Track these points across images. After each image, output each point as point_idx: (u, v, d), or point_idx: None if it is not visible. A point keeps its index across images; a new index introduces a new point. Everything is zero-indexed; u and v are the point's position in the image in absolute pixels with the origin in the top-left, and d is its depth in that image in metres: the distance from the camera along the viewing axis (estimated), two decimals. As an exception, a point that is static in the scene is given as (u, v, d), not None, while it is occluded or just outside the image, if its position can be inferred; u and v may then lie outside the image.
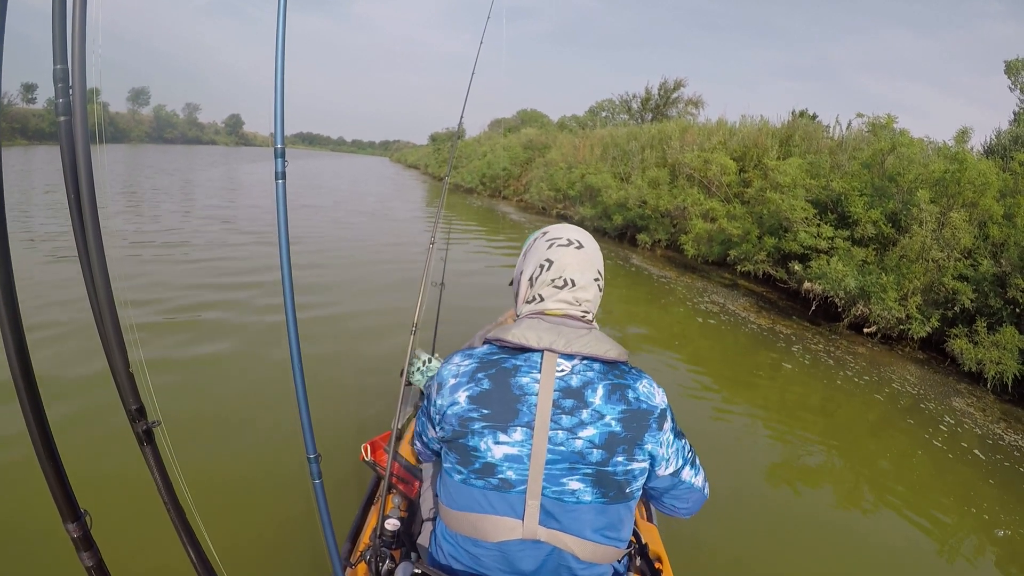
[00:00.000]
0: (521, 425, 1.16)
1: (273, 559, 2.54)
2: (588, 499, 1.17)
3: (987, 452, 4.66)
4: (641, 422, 1.19)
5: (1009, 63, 11.98)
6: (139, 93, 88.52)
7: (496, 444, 1.17)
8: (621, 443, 1.17)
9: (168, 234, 9.76)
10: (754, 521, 3.36)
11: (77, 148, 1.02)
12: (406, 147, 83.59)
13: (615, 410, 1.18)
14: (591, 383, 1.19)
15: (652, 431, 1.20)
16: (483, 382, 1.20)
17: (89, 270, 1.07)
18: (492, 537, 1.19)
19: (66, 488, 1.00)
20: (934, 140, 9.13)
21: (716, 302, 8.69)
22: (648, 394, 1.22)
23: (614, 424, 1.17)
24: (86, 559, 1.03)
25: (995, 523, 3.72)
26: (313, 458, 1.43)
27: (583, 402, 1.18)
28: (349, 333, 5.54)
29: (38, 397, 0.96)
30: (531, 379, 1.19)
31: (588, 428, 1.16)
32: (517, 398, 1.18)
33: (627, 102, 28.40)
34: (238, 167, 34.63)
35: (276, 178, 1.29)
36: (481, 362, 1.23)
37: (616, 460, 1.17)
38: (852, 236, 8.13)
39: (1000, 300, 6.47)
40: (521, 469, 1.16)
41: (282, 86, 1.27)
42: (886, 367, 6.55)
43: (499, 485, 1.17)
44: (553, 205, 17.85)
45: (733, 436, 4.50)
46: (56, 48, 0.99)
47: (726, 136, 12.97)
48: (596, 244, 1.39)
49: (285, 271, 1.31)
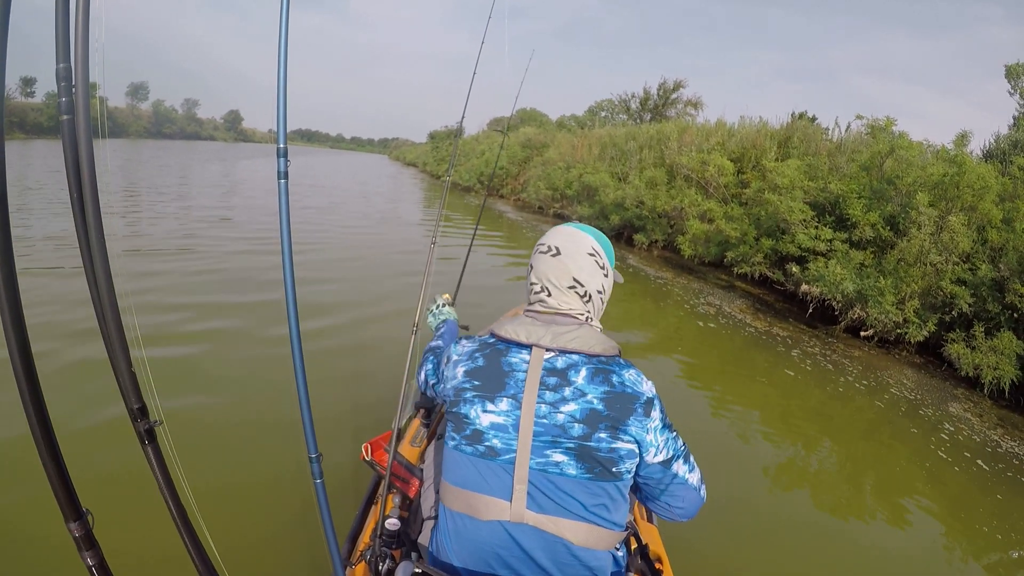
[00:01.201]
0: (507, 396, 1.25)
1: (274, 558, 2.55)
2: (572, 472, 1.21)
3: (985, 459, 4.60)
4: (626, 405, 1.23)
5: (1009, 67, 11.97)
6: (138, 88, 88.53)
7: (484, 412, 1.26)
8: (603, 420, 1.21)
9: (168, 234, 9.68)
10: (753, 523, 3.35)
11: (80, 146, 1.03)
12: (405, 145, 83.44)
13: (597, 390, 1.23)
14: (575, 365, 1.26)
15: (638, 415, 1.23)
16: (479, 360, 1.32)
17: (92, 268, 1.08)
18: (484, 515, 1.24)
19: (68, 487, 1.01)
20: (933, 144, 9.11)
21: (712, 304, 8.64)
22: (634, 381, 1.26)
23: (596, 402, 1.22)
24: (88, 558, 1.04)
25: (992, 531, 3.67)
26: (314, 458, 1.44)
27: (566, 380, 1.24)
28: (350, 333, 5.52)
29: (40, 396, 0.97)
30: (519, 359, 1.28)
31: (570, 404, 1.22)
32: (506, 373, 1.27)
33: (625, 102, 28.36)
34: (235, 164, 34.53)
35: (279, 177, 1.30)
36: (480, 345, 1.35)
37: (599, 436, 1.21)
38: (850, 239, 8.09)
39: (998, 305, 6.42)
40: (506, 439, 1.24)
41: (284, 87, 1.28)
42: (883, 371, 6.51)
43: (486, 452, 1.25)
44: (550, 204, 17.77)
45: (730, 439, 4.46)
46: (59, 47, 1.00)
47: (724, 137, 12.91)
48: (581, 247, 1.39)
49: (287, 271, 1.32)
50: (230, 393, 4.06)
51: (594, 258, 1.39)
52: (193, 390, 3.97)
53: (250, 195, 17.88)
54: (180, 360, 4.44)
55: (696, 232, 10.33)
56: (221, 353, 4.71)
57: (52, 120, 49.72)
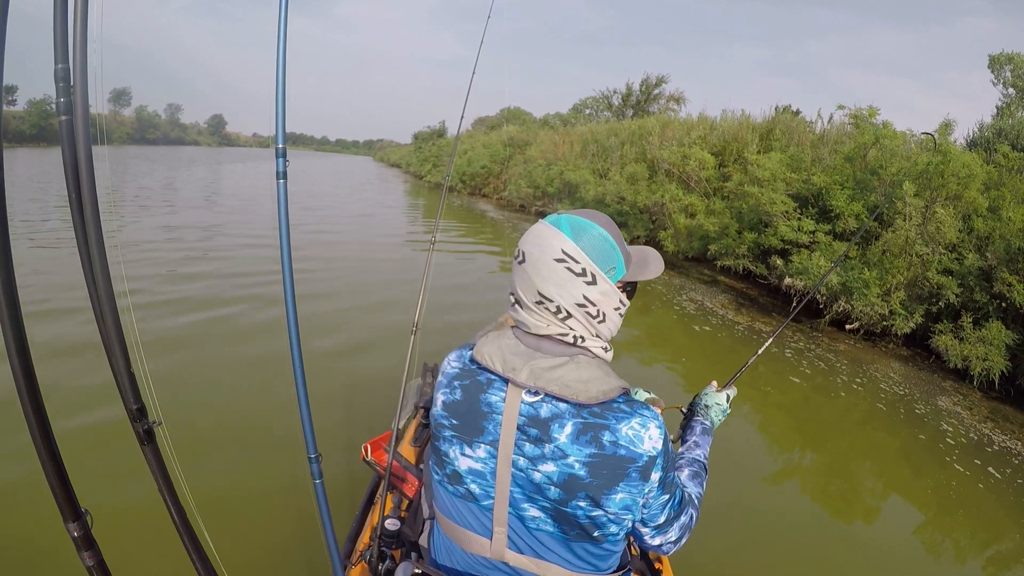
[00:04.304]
0: (485, 443, 1.08)
1: (273, 558, 2.55)
2: (550, 529, 1.08)
3: (975, 454, 4.38)
4: (616, 470, 1.02)
5: (993, 57, 11.87)
6: (120, 94, 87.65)
7: (462, 455, 1.11)
8: (583, 488, 1.02)
9: (168, 233, 9.60)
10: (747, 522, 3.29)
11: (78, 147, 1.02)
12: (390, 146, 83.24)
13: (582, 452, 1.02)
14: (559, 417, 1.03)
15: (631, 481, 1.02)
16: (456, 391, 1.13)
17: (90, 269, 1.07)
18: (466, 547, 1.15)
19: (67, 487, 1.00)
20: (916, 134, 8.93)
21: (695, 299, 8.41)
22: (632, 439, 1.02)
23: (577, 467, 1.02)
24: (87, 559, 1.04)
25: (984, 528, 3.55)
26: (314, 458, 1.43)
27: (547, 436, 1.03)
28: (350, 334, 5.49)
29: (39, 396, 0.96)
30: (499, 398, 1.08)
31: (548, 463, 1.03)
32: (485, 415, 1.09)
33: (607, 98, 28.14)
34: (219, 168, 34.29)
35: (277, 178, 1.29)
36: (462, 369, 1.15)
37: (577, 504, 1.03)
38: (834, 230, 7.88)
39: (986, 295, 6.22)
40: (484, 485, 1.10)
41: (283, 89, 1.27)
42: (869, 364, 6.29)
43: (465, 495, 1.12)
44: (532, 202, 17.58)
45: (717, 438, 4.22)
46: (57, 48, 0.99)
47: (707, 131, 12.73)
48: (546, 251, 1.05)
49: (286, 271, 1.30)
50: (230, 394, 4.04)
51: (564, 264, 1.04)
52: (193, 391, 3.96)
53: (249, 197, 17.77)
54: (180, 360, 4.41)
55: (678, 227, 10.11)
56: (222, 354, 4.70)
57: (34, 128, 49.25)
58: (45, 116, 50.15)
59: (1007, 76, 11.68)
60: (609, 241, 1.08)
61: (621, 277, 1.10)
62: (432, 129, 39.96)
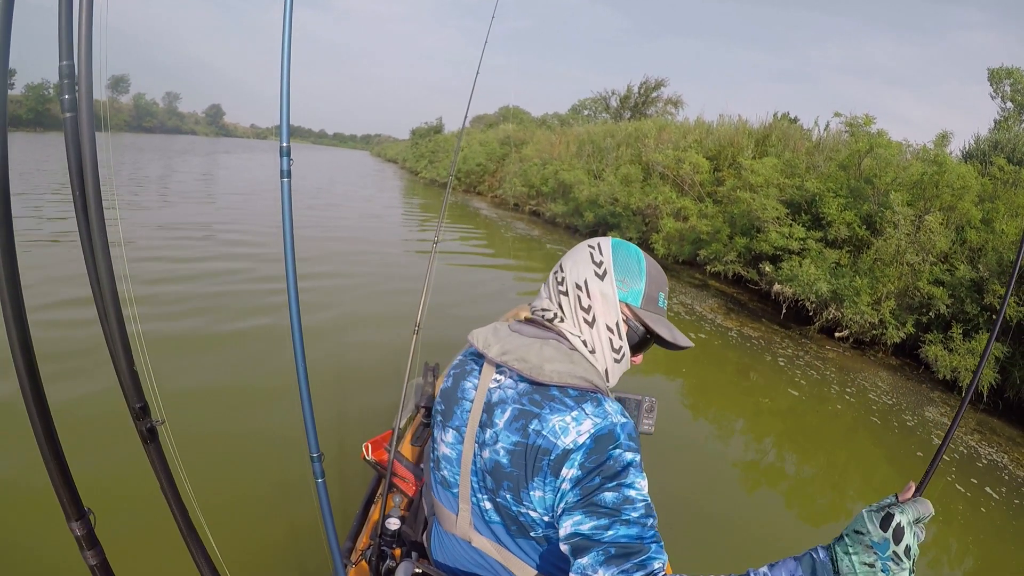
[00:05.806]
0: (453, 428, 1.12)
1: (275, 557, 2.55)
2: (498, 520, 1.06)
3: (963, 468, 4.31)
4: (531, 462, 0.98)
5: (992, 71, 11.87)
6: (118, 81, 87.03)
7: (441, 441, 1.15)
8: (506, 479, 1.02)
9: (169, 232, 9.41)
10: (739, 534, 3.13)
11: (83, 144, 0.99)
12: (387, 141, 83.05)
13: (508, 440, 1.01)
14: (503, 403, 1.05)
15: (544, 476, 0.97)
16: (450, 379, 1.19)
17: (94, 267, 1.06)
18: (443, 526, 1.17)
19: (70, 487, 1.00)
20: (912, 144, 8.89)
21: (684, 303, 8.31)
22: (557, 430, 0.96)
23: (502, 454, 1.02)
24: (90, 558, 1.03)
25: (975, 542, 3.50)
26: (316, 457, 1.42)
27: (491, 421, 1.06)
28: (352, 333, 5.42)
29: (43, 395, 0.96)
30: (472, 384, 1.13)
31: (486, 449, 1.05)
32: (458, 400, 1.14)
33: (605, 99, 28.06)
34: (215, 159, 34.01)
35: (282, 176, 1.28)
36: (461, 359, 1.21)
37: (504, 495, 1.03)
38: (825, 237, 7.82)
39: (977, 306, 6.16)
40: (453, 472, 1.12)
41: (288, 87, 1.26)
42: (857, 373, 6.21)
43: (441, 481, 1.16)
44: (526, 201, 17.47)
45: (703, 444, 4.30)
46: (62, 44, 0.97)
47: (703, 135, 12.67)
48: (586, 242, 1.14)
49: (290, 270, 1.29)
50: (233, 393, 4.00)
51: (591, 251, 1.11)
52: (196, 390, 3.92)
53: (250, 192, 17.53)
54: (183, 360, 4.34)
55: (670, 230, 10.03)
56: (224, 354, 4.66)
57: (31, 112, 48.82)
58: (43, 101, 49.74)
59: (1006, 90, 11.70)
60: (640, 264, 1.11)
61: (630, 302, 1.09)
62: (429, 125, 39.84)
